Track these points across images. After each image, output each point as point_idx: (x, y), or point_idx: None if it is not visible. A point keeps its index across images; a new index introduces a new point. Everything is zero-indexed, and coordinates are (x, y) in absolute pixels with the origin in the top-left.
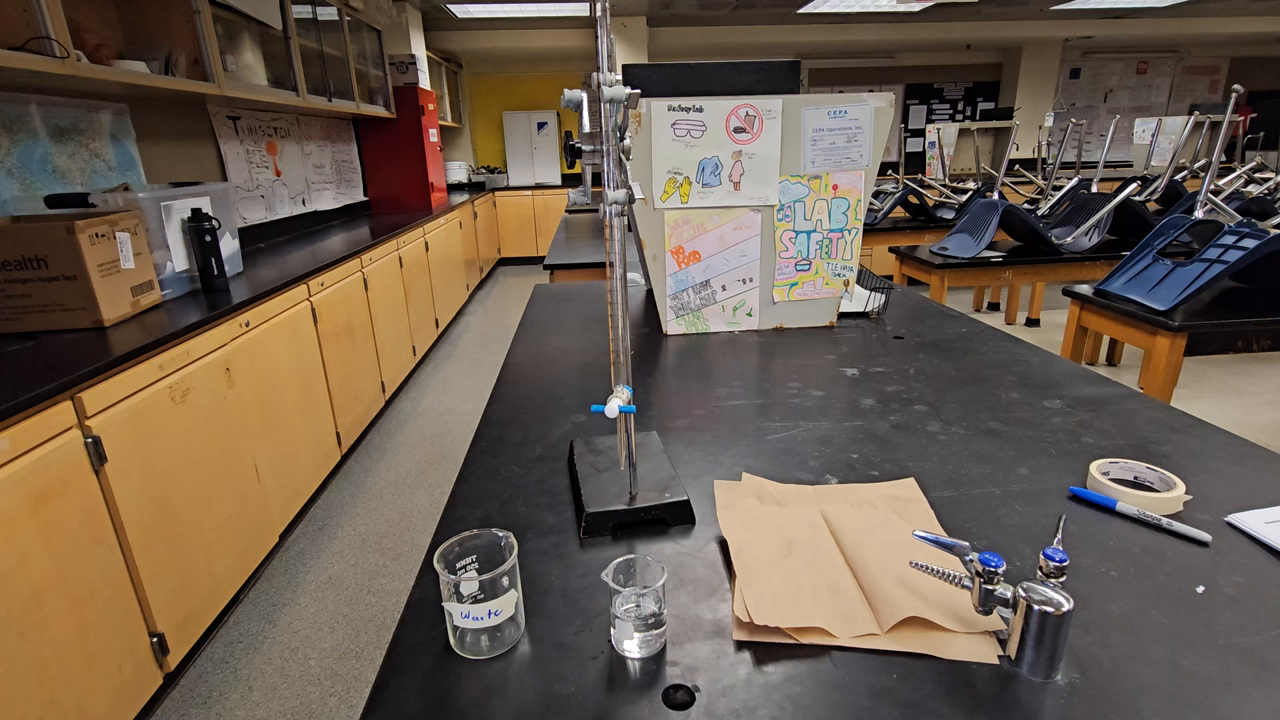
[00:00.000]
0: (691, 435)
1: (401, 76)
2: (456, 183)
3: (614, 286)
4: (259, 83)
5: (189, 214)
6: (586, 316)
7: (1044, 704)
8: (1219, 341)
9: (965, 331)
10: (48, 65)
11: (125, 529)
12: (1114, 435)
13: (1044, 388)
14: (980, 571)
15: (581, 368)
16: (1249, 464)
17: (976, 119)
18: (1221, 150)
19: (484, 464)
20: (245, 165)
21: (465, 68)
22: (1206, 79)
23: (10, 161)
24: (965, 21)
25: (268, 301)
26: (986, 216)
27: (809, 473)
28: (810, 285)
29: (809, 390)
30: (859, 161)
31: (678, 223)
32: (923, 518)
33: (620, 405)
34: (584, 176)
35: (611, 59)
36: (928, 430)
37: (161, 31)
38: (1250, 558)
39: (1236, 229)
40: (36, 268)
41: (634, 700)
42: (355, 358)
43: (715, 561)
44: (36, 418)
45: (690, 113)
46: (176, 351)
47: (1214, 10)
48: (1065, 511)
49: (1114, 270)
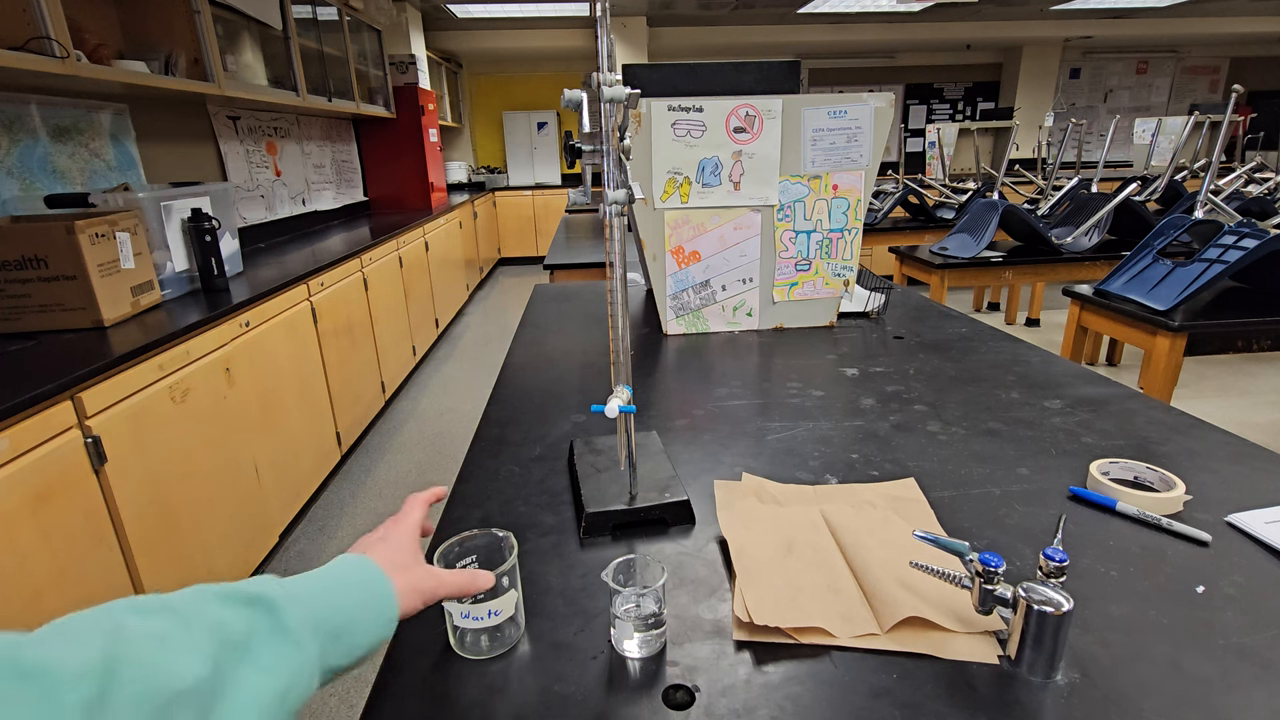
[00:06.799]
0: (691, 435)
1: (401, 76)
2: (456, 183)
3: (614, 286)
4: (259, 83)
5: (189, 214)
6: (586, 316)
7: (1044, 704)
8: (1219, 341)
9: (965, 331)
10: (48, 65)
11: (125, 529)
12: (1114, 435)
13: (1044, 388)
14: (980, 571)
15: (581, 368)
16: (1249, 464)
17: (976, 119)
18: (1221, 150)
19: (484, 464)
20: (245, 165)
21: (465, 68)
22: (1206, 79)
23: (10, 161)
24: (965, 21)
25: (268, 301)
26: (986, 216)
27: (809, 473)
28: (810, 285)
29: (809, 390)
30: (859, 161)
31: (678, 223)
32: (923, 518)
33: (620, 405)
34: (584, 176)
35: (611, 59)
36: (928, 430)
37: (161, 31)
38: (1250, 558)
39: (1236, 229)
40: (36, 268)
41: (634, 700)
42: (355, 358)
43: (715, 561)
44: (36, 418)
45: (690, 113)
46: (176, 351)
47: (1214, 10)
48: (1065, 511)
49: (1114, 270)
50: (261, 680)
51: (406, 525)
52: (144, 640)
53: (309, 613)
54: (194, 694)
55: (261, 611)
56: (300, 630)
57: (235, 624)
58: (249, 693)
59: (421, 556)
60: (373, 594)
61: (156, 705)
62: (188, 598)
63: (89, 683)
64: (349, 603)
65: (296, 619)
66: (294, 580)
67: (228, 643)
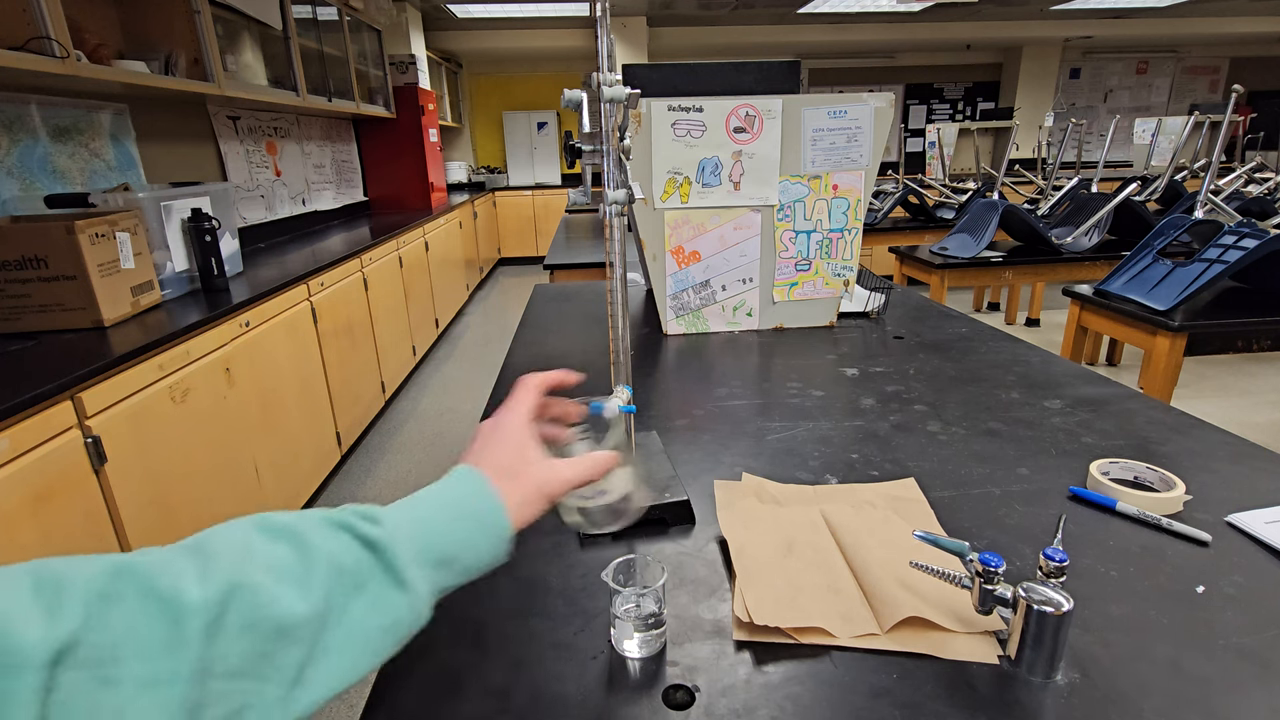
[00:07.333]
0: (691, 435)
1: (401, 76)
2: (456, 183)
3: (614, 286)
4: (259, 83)
5: (189, 214)
6: (586, 316)
7: (1044, 704)
8: (1219, 341)
9: (965, 331)
10: (48, 65)
11: (125, 529)
12: (1114, 435)
13: (1044, 388)
14: (980, 571)
15: (581, 368)
16: (1249, 464)
17: (976, 119)
18: (1221, 150)
19: None
20: (245, 165)
21: (465, 68)
22: (1206, 79)
23: (10, 161)
24: (965, 21)
25: (268, 301)
26: (986, 216)
27: (809, 473)
28: (810, 285)
29: (809, 390)
30: (859, 161)
31: (678, 223)
32: (923, 518)
33: (620, 405)
34: (584, 176)
35: (611, 59)
36: (928, 430)
37: (161, 31)
38: (1250, 558)
39: (1236, 229)
40: (36, 268)
41: (634, 700)
42: (355, 358)
43: (715, 561)
44: (36, 418)
45: (690, 113)
46: (176, 351)
47: (1214, 10)
48: (1065, 511)
49: (1114, 270)
50: (368, 616)
51: (515, 420)
52: (265, 570)
53: (415, 546)
54: (304, 626)
55: (373, 552)
56: (408, 568)
57: (348, 560)
58: (356, 627)
59: (537, 450)
60: (480, 513)
61: (265, 633)
62: (310, 524)
63: (211, 610)
64: (456, 527)
65: (404, 556)
66: (399, 508)
67: (341, 578)
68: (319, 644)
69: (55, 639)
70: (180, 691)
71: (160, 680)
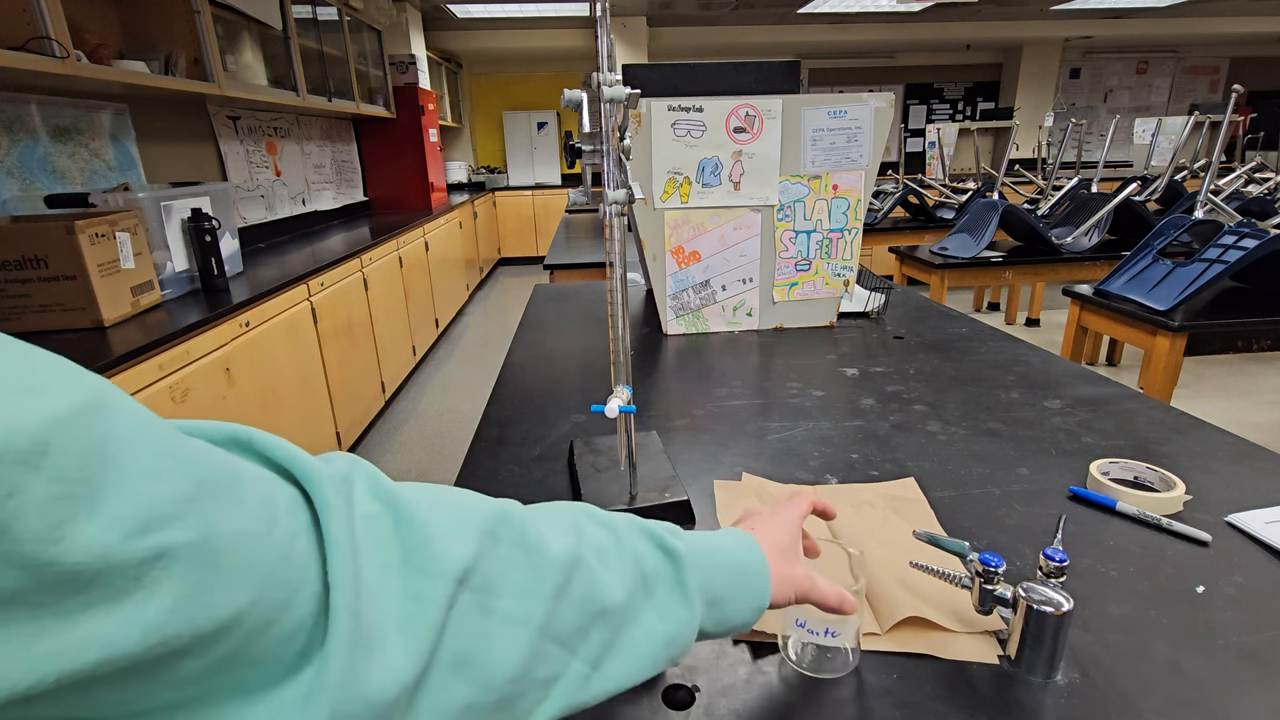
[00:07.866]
0: (691, 435)
1: (401, 76)
2: (456, 183)
3: (614, 286)
4: (259, 83)
5: (189, 214)
6: (586, 316)
7: (1044, 704)
8: (1219, 341)
9: (965, 331)
10: (48, 65)
11: None
12: (1114, 435)
13: (1044, 388)
14: (980, 571)
15: (581, 368)
16: (1249, 464)
17: (976, 119)
18: (1221, 150)
19: (484, 464)
20: (245, 165)
21: (465, 68)
22: (1206, 79)
23: (10, 161)
24: (965, 21)
25: (268, 301)
26: (986, 216)
27: (809, 473)
28: (810, 285)
29: (809, 390)
30: (859, 161)
31: (678, 223)
32: (923, 518)
33: (620, 405)
34: (584, 176)
35: (611, 59)
36: (928, 430)
37: (161, 31)
38: (1250, 558)
39: (1236, 229)
40: (36, 268)
41: (634, 700)
42: (355, 357)
43: None
44: None
45: (690, 113)
46: (176, 351)
47: (1214, 10)
48: (1065, 511)
49: (1114, 270)
50: (656, 623)
51: (793, 516)
52: (594, 552)
53: (702, 574)
54: (615, 614)
55: (671, 563)
56: (693, 589)
57: (649, 564)
58: (646, 630)
59: (801, 550)
60: (752, 571)
61: (590, 612)
62: (623, 522)
63: (562, 571)
64: (730, 577)
65: (694, 578)
66: (690, 537)
67: (642, 579)
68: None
69: (463, 560)
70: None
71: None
